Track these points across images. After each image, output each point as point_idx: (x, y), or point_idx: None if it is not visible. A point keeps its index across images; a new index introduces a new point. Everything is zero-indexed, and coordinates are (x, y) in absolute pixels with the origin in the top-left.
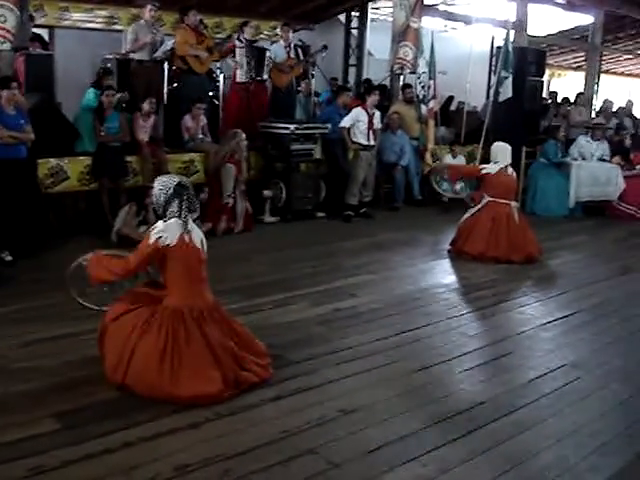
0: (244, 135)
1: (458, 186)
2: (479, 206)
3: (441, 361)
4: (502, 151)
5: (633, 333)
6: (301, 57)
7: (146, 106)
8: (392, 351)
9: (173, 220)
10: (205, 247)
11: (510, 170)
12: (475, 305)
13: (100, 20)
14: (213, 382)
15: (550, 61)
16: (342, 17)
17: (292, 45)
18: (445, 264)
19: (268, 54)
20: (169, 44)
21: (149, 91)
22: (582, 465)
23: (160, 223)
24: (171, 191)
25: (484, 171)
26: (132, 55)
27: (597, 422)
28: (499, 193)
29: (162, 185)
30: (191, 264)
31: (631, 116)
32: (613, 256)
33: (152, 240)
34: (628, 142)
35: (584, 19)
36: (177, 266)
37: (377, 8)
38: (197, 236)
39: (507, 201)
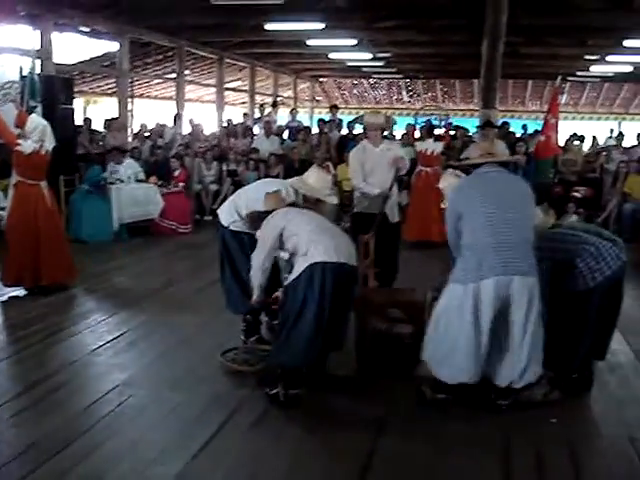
0: None
1: None
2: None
3: None
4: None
5: (180, 342)
6: None
7: None
8: None
9: None
10: None
11: (45, 149)
12: (24, 344)
13: None
14: None
15: (84, 88)
16: None
17: None
18: None
19: None
20: None
21: None
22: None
23: None
24: None
25: (19, 148)
26: None
27: (153, 433)
28: (30, 175)
29: None
30: None
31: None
32: (162, 270)
33: None
34: (167, 158)
35: (112, 46)
36: None
37: None
38: None
39: (36, 182)
